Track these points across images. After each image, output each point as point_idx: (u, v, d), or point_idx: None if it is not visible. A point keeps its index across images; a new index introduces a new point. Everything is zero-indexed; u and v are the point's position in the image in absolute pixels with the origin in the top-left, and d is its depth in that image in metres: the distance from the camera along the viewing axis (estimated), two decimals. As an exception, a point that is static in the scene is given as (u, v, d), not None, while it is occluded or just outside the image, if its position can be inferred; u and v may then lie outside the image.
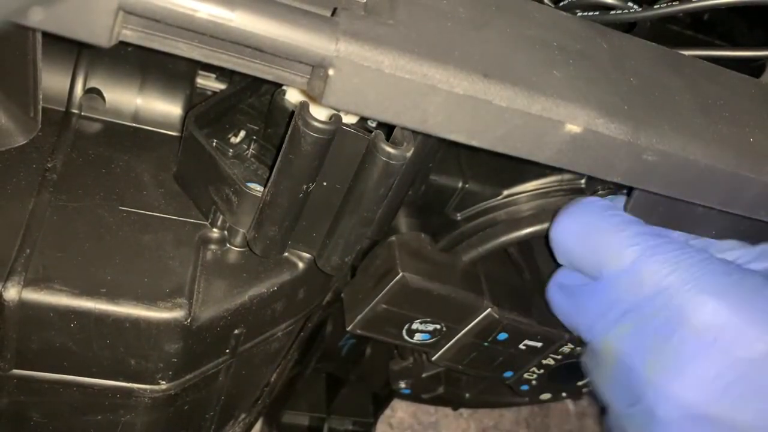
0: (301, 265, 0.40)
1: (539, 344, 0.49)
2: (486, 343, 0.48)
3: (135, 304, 0.34)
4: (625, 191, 0.41)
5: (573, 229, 0.39)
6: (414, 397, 0.71)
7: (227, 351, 0.40)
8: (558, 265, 0.42)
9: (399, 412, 1.14)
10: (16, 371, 0.36)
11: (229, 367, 0.42)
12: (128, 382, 0.37)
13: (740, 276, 0.35)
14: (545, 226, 0.45)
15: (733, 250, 0.39)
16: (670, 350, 0.35)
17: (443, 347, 0.49)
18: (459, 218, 0.49)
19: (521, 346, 0.49)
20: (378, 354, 0.72)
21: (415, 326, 0.47)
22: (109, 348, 0.35)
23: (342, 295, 0.48)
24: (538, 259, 0.49)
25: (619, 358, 0.37)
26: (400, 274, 0.43)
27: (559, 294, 0.41)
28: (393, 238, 0.45)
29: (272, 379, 0.50)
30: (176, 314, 0.35)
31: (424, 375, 0.62)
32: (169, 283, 0.35)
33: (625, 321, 0.36)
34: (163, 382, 0.37)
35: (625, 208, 0.40)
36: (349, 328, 0.46)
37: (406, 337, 0.48)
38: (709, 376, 0.34)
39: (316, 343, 0.67)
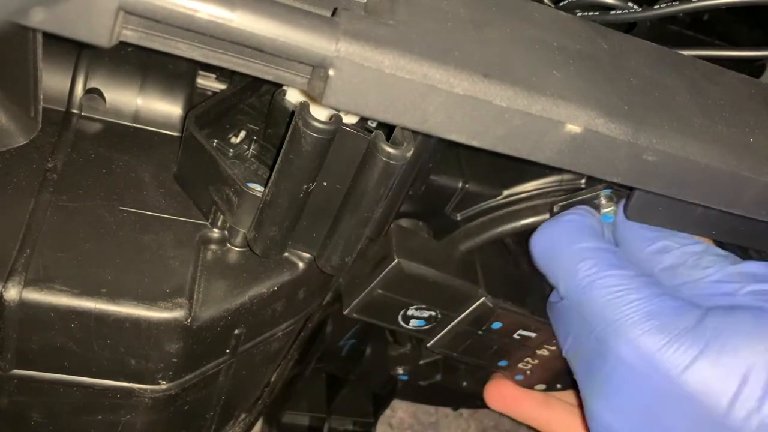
0: (301, 265, 0.40)
1: (533, 334, 0.49)
2: (480, 332, 0.48)
3: (135, 304, 0.34)
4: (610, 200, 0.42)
5: (544, 248, 0.41)
6: (413, 386, 0.71)
7: (227, 351, 0.40)
8: None
9: (399, 412, 1.14)
10: (16, 371, 0.36)
11: (229, 367, 0.42)
12: (128, 382, 0.37)
13: (669, 319, 0.36)
14: (542, 217, 0.45)
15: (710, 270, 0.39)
16: (600, 376, 0.38)
17: (438, 334, 0.49)
18: (459, 218, 0.49)
19: (515, 336, 0.49)
20: (378, 354, 0.72)
21: (410, 312, 0.47)
22: (109, 348, 0.35)
23: (341, 280, 0.48)
24: None
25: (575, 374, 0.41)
26: (396, 260, 0.43)
27: (549, 310, 0.44)
28: (391, 225, 0.45)
29: (272, 379, 0.50)
30: (176, 314, 0.35)
31: (422, 362, 0.62)
32: (169, 283, 0.35)
33: (572, 343, 0.40)
34: (164, 382, 0.37)
35: (625, 209, 0.40)
36: (345, 312, 0.46)
37: (402, 323, 0.48)
38: (632, 410, 0.37)
39: (316, 343, 0.67)
